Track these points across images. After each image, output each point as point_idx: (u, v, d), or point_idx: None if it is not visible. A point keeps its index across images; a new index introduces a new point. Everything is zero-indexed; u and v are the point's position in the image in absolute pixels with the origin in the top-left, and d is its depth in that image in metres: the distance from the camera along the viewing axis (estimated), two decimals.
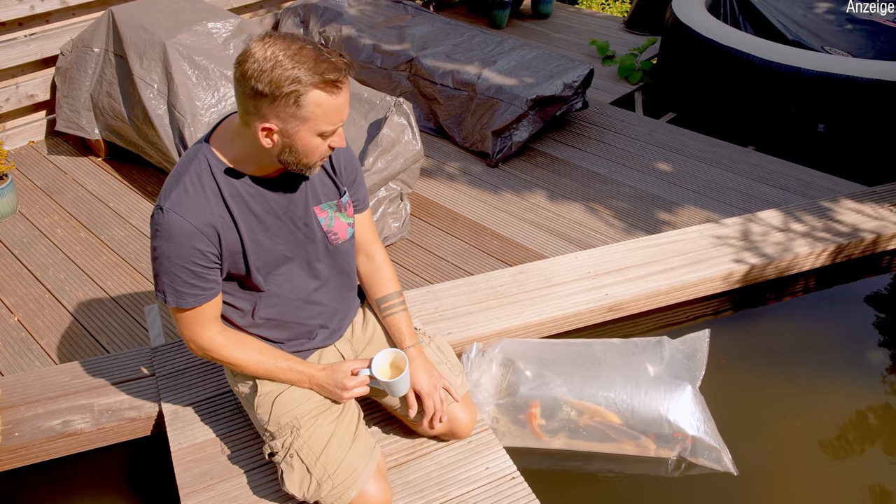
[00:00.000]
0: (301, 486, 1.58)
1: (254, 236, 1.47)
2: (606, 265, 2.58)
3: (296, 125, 1.30)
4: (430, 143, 3.75)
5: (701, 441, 1.99)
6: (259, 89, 1.25)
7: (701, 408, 2.04)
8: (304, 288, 1.62)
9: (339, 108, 1.32)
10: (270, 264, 1.53)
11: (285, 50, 1.25)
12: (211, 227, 1.40)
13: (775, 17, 4.45)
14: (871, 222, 2.83)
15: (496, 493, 1.76)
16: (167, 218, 1.37)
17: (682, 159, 3.58)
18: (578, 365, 2.11)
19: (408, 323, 1.76)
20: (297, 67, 1.24)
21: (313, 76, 1.25)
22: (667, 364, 2.12)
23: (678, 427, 1.98)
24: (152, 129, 2.98)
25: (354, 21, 4.19)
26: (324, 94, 1.28)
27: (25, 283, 2.77)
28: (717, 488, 2.00)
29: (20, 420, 1.98)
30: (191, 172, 1.40)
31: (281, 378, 1.62)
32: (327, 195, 1.57)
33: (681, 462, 2.02)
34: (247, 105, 1.30)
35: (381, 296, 1.76)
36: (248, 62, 1.25)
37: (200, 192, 1.39)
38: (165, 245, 1.38)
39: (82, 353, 2.44)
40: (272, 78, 1.24)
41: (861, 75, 3.29)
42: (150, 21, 3.13)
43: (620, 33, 5.40)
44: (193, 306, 1.46)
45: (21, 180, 3.43)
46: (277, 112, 1.28)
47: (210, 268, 1.44)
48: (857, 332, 2.59)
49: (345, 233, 1.63)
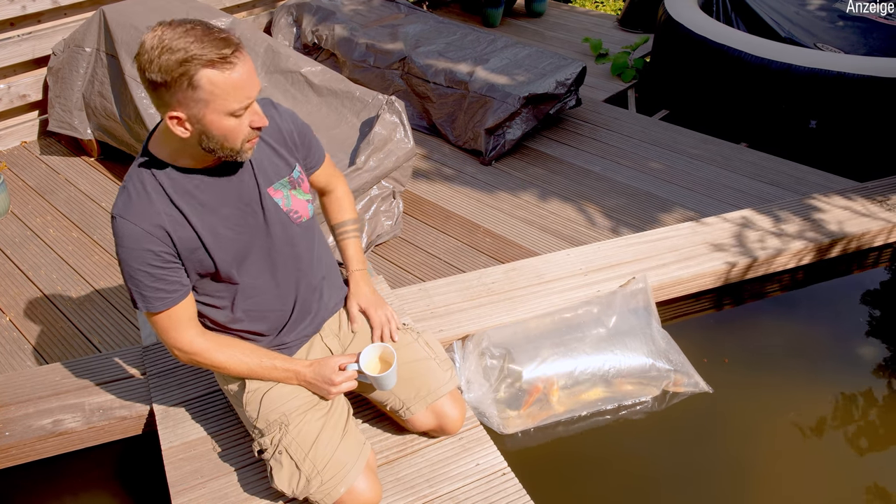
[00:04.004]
0: (290, 482, 1.58)
1: (212, 229, 1.45)
2: (598, 262, 2.59)
3: (200, 109, 1.26)
4: (423, 141, 3.75)
5: (679, 372, 2.25)
6: (154, 79, 1.22)
7: (670, 343, 2.31)
8: (279, 273, 1.60)
9: (241, 84, 1.26)
10: (239, 255, 1.51)
11: (171, 33, 1.21)
12: (159, 228, 1.39)
13: (768, 14, 4.45)
14: (863, 218, 2.83)
15: (487, 488, 1.76)
16: (118, 224, 1.38)
17: (674, 156, 3.59)
18: (565, 335, 2.29)
19: (357, 248, 1.85)
20: (184, 49, 1.20)
21: (201, 54, 1.21)
22: (629, 312, 2.35)
23: (661, 365, 2.25)
24: (144, 128, 2.98)
25: (348, 20, 4.19)
26: (216, 72, 1.23)
27: (17, 282, 2.77)
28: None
29: (11, 419, 1.98)
30: (132, 177, 1.40)
31: (267, 377, 1.62)
32: (278, 173, 1.54)
33: (665, 395, 2.25)
34: (152, 98, 1.27)
35: (336, 222, 1.85)
36: (140, 55, 1.23)
37: (143, 193, 1.38)
38: (122, 251, 1.39)
39: (74, 352, 2.44)
40: (161, 64, 1.21)
41: (853, 72, 3.29)
42: (141, 20, 3.13)
43: (614, 31, 5.40)
44: (162, 309, 1.45)
45: (13, 180, 3.43)
46: (178, 99, 1.24)
47: (168, 268, 1.42)
48: (849, 328, 2.59)
49: (306, 210, 1.61)
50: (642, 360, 2.25)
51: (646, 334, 2.30)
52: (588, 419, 2.18)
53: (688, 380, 2.25)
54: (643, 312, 2.35)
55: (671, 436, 2.15)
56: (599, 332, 2.28)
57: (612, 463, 2.08)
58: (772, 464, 2.07)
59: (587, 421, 2.17)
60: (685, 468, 2.07)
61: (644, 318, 2.34)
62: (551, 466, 2.07)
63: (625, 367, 2.23)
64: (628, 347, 2.26)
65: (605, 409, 2.19)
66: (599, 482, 2.04)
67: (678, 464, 2.08)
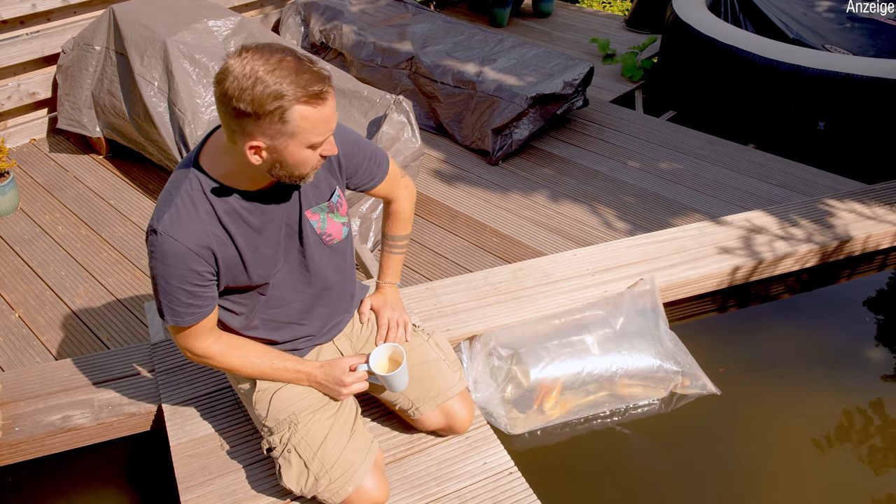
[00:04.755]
0: (298, 480, 1.59)
1: (253, 248, 1.46)
2: (605, 262, 2.59)
3: (284, 141, 1.25)
4: (430, 141, 3.76)
5: (687, 374, 2.24)
6: (241, 109, 1.20)
7: (678, 344, 2.30)
8: (302, 290, 1.62)
9: (327, 119, 1.27)
10: (269, 270, 1.52)
11: (264, 64, 1.19)
12: (206, 249, 1.38)
13: (776, 15, 4.44)
14: (871, 220, 2.83)
15: (493, 488, 1.77)
16: (161, 241, 1.34)
17: (682, 157, 3.58)
18: (572, 336, 2.28)
19: (396, 264, 1.86)
20: (279, 83, 1.19)
21: (296, 90, 1.20)
22: (637, 313, 2.34)
23: (669, 367, 2.24)
24: (153, 126, 2.99)
25: (355, 19, 4.20)
26: (308, 108, 1.23)
27: (27, 279, 2.79)
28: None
29: (20, 415, 1.99)
30: (182, 193, 1.36)
31: (279, 378, 1.63)
32: (318, 197, 1.55)
33: (672, 397, 2.24)
34: (231, 124, 1.25)
35: (387, 233, 1.85)
36: (227, 81, 1.20)
37: (193, 212, 1.36)
38: (161, 267, 1.37)
39: (83, 349, 2.45)
40: (254, 96, 1.19)
41: (861, 73, 3.29)
42: (150, 19, 3.14)
43: (621, 32, 5.40)
44: (191, 324, 1.45)
45: (22, 178, 3.44)
46: (263, 130, 1.23)
47: (206, 286, 1.42)
48: (856, 330, 2.59)
49: (339, 233, 1.62)
50: (650, 362, 2.24)
51: (653, 336, 2.29)
52: (595, 420, 2.18)
53: (695, 382, 2.25)
54: (651, 314, 2.35)
55: (678, 437, 2.15)
56: (607, 333, 2.28)
57: (619, 463, 2.08)
58: (779, 467, 2.07)
59: (594, 422, 2.17)
60: (691, 470, 2.07)
61: (652, 320, 2.33)
62: (558, 466, 2.07)
63: (632, 368, 2.23)
64: (636, 349, 2.26)
65: (612, 411, 2.20)
66: (606, 482, 2.04)
67: (684, 465, 2.08)
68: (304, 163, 1.31)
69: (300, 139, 1.26)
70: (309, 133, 1.26)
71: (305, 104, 1.22)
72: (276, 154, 1.28)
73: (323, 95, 1.24)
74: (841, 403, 2.28)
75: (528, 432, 2.12)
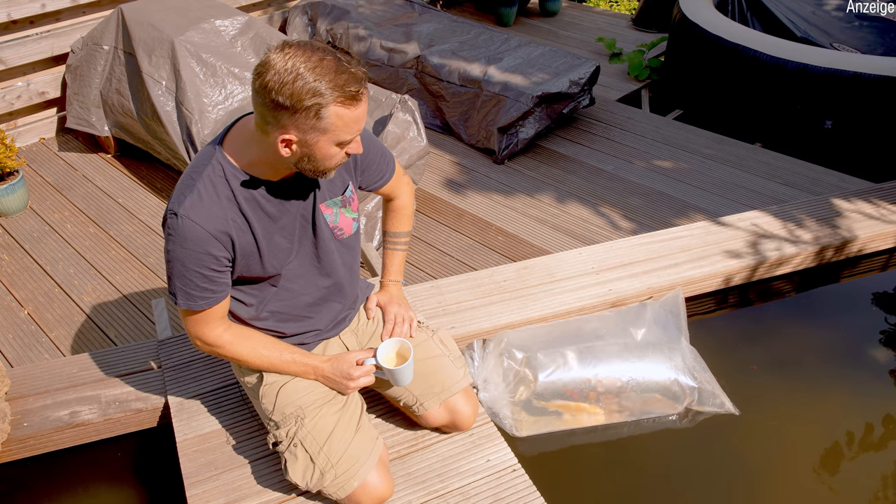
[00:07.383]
0: (304, 475, 1.60)
1: (269, 237, 1.49)
2: (610, 261, 2.59)
3: (315, 136, 1.30)
4: (436, 139, 3.76)
5: (704, 390, 2.17)
6: (280, 101, 1.24)
7: (698, 359, 2.23)
8: (312, 283, 1.63)
9: (359, 119, 1.32)
10: (283, 261, 1.55)
11: (305, 62, 1.24)
12: (225, 234, 1.41)
13: (783, 13, 4.43)
14: (879, 219, 2.81)
15: (497, 484, 1.77)
16: (182, 224, 1.37)
17: (688, 156, 3.58)
18: (588, 342, 2.23)
19: (399, 261, 1.88)
20: (319, 80, 1.23)
21: (334, 89, 1.25)
22: (658, 324, 2.28)
23: (685, 382, 2.16)
24: (161, 125, 3.01)
25: (362, 19, 4.21)
26: (343, 108, 1.27)
27: (36, 277, 2.81)
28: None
29: (29, 410, 2.01)
30: (204, 177, 1.39)
31: (286, 371, 1.64)
32: (332, 192, 1.58)
33: (688, 413, 2.18)
34: (266, 115, 1.29)
35: (389, 231, 1.88)
36: (268, 73, 1.24)
37: (215, 197, 1.39)
38: (179, 250, 1.39)
39: (90, 345, 2.47)
40: (293, 91, 1.23)
41: (869, 72, 3.27)
42: (158, 18, 3.16)
43: (628, 31, 5.39)
44: (204, 308, 1.47)
45: (32, 176, 3.47)
46: (297, 124, 1.27)
47: (221, 271, 1.45)
48: (863, 329, 2.58)
49: (350, 228, 1.64)
50: (666, 375, 2.17)
51: (673, 349, 2.22)
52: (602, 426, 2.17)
53: (713, 400, 2.17)
54: (673, 327, 2.28)
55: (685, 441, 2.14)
56: (625, 343, 2.22)
57: (624, 462, 2.08)
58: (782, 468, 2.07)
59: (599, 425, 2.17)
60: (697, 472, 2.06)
61: (673, 333, 2.27)
62: (562, 464, 2.07)
63: (647, 380, 2.16)
64: (653, 361, 2.18)
65: (624, 423, 2.16)
66: (610, 481, 2.04)
67: (691, 467, 2.08)
68: (331, 158, 1.36)
69: (331, 136, 1.31)
70: (340, 131, 1.30)
71: (341, 104, 1.27)
72: (306, 148, 1.32)
73: (358, 97, 1.29)
74: (854, 402, 2.27)
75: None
